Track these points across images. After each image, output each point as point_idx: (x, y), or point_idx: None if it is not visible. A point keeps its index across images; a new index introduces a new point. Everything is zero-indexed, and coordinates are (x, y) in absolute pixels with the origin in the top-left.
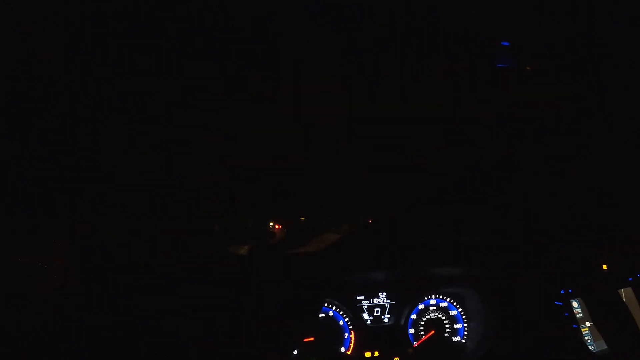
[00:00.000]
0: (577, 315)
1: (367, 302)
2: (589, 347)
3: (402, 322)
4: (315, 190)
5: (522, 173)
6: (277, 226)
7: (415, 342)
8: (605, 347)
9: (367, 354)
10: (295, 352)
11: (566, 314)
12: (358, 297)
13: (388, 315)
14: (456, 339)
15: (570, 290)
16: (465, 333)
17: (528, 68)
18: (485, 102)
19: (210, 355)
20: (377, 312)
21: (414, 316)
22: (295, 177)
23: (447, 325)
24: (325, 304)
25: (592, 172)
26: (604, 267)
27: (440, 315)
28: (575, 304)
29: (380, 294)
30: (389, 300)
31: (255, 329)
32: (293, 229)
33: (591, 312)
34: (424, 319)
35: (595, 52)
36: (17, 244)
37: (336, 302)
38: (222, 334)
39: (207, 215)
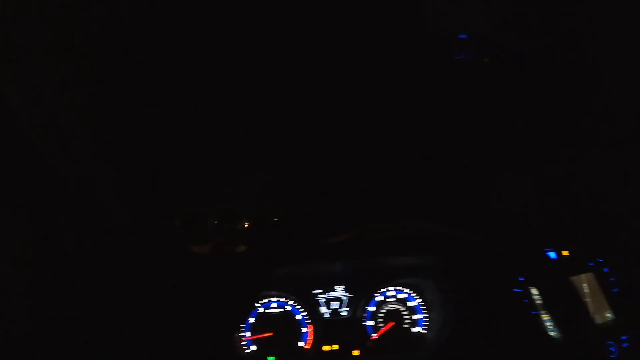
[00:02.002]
0: (537, 302)
1: (324, 295)
2: (551, 333)
3: (359, 314)
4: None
5: (476, 163)
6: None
7: (374, 334)
8: None
9: (326, 348)
10: (254, 348)
11: (525, 301)
12: (315, 291)
13: (346, 308)
14: (416, 329)
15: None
16: (426, 323)
17: (486, 60)
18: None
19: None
20: (335, 305)
21: (372, 308)
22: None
23: (407, 316)
24: (282, 299)
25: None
26: (565, 253)
27: (399, 307)
28: (535, 291)
29: (337, 287)
30: (346, 293)
31: (193, 325)
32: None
33: (544, 300)
34: (383, 311)
35: (575, 52)
36: None
37: (293, 297)
38: (163, 329)
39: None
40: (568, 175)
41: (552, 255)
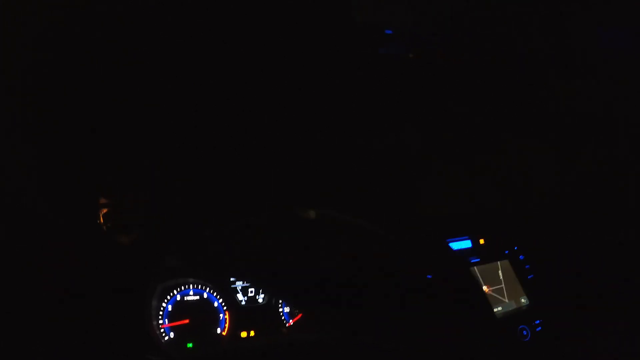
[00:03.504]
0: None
1: (240, 282)
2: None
3: (275, 301)
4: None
5: (396, 155)
6: None
7: (291, 321)
8: None
9: (243, 334)
10: (172, 335)
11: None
12: (232, 279)
13: (262, 295)
14: None
15: None
16: None
17: (412, 56)
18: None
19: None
20: (252, 292)
21: None
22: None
23: None
24: (199, 286)
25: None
26: (481, 241)
27: None
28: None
29: None
30: None
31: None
32: None
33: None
34: None
35: (504, 44)
36: None
37: (209, 284)
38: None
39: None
40: (487, 166)
41: (468, 243)
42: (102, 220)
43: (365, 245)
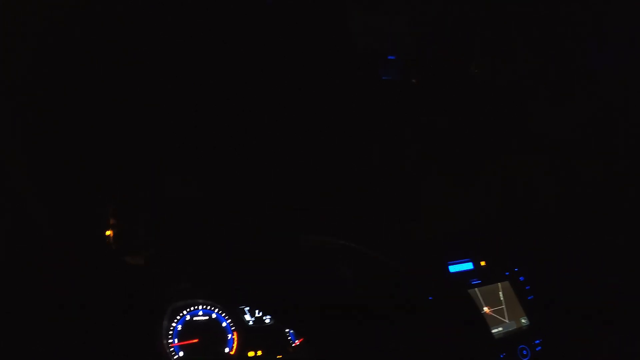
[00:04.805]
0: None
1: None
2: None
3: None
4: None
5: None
6: None
7: (297, 341)
8: None
9: (251, 354)
10: (182, 354)
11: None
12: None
13: (269, 316)
14: None
15: None
16: None
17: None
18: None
19: None
20: (259, 313)
21: None
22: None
23: None
24: (208, 307)
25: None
26: (483, 263)
27: None
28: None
29: None
30: None
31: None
32: None
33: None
34: None
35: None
36: None
37: (218, 305)
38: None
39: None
40: (486, 187)
41: (470, 265)
42: (111, 241)
43: (366, 269)
